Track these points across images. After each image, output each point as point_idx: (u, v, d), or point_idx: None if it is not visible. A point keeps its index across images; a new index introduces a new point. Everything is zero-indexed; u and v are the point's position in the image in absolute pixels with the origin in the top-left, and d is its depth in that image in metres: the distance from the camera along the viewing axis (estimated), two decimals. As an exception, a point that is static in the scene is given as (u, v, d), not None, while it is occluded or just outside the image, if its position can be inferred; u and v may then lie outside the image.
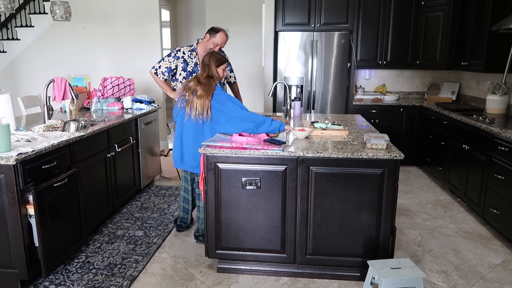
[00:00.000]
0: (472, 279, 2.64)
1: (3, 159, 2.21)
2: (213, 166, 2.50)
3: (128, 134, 3.80)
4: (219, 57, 2.95)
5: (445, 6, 4.79)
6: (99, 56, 5.79)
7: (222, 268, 2.68)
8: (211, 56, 2.93)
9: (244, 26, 6.52)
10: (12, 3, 3.35)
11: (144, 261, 2.82)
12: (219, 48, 3.48)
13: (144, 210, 3.74)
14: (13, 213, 2.30)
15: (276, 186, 2.48)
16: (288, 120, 3.56)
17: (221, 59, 2.96)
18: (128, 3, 5.60)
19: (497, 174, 3.17)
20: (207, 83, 2.84)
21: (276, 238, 2.57)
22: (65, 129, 3.18)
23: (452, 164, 4.10)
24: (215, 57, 2.93)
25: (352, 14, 5.04)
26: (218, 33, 3.44)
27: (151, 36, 5.62)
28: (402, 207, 3.86)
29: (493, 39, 4.00)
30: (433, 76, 5.62)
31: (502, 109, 4.05)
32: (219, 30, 3.45)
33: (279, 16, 5.10)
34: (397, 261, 2.25)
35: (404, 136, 5.15)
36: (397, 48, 5.22)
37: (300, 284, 2.56)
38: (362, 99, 5.38)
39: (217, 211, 2.56)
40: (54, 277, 2.60)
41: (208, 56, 2.93)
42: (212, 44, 3.45)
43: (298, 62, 5.08)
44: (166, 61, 3.54)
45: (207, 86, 2.82)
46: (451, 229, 3.40)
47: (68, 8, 4.19)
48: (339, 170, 2.42)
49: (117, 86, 4.15)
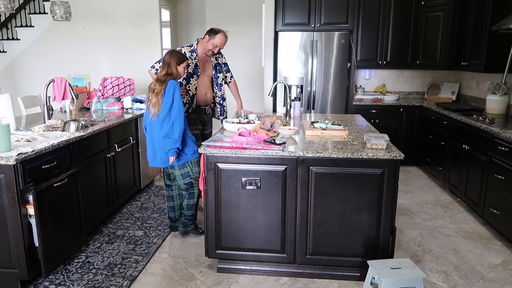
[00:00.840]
0: (472, 279, 2.64)
1: (3, 159, 2.21)
2: (213, 166, 2.50)
3: (128, 134, 3.80)
4: (180, 56, 3.02)
5: (445, 6, 4.79)
6: (99, 56, 5.79)
7: (222, 268, 2.68)
8: (171, 55, 3.00)
9: (244, 26, 6.51)
10: (12, 3, 3.35)
11: (144, 261, 2.82)
12: (218, 49, 3.49)
13: (144, 210, 3.74)
14: (13, 213, 2.30)
15: (276, 186, 2.48)
16: (288, 120, 3.57)
17: (182, 57, 3.03)
18: (128, 3, 5.60)
19: (497, 174, 3.17)
20: (164, 80, 2.92)
21: (276, 238, 2.57)
22: (65, 129, 3.18)
23: (452, 164, 4.10)
24: (176, 56, 3.00)
25: (352, 14, 5.04)
26: (217, 34, 3.44)
27: (151, 36, 5.62)
28: (402, 207, 3.86)
29: (493, 39, 4.00)
30: (433, 76, 5.62)
31: (502, 109, 4.05)
32: (218, 32, 3.45)
33: (279, 16, 5.10)
34: (397, 261, 2.25)
35: (404, 136, 5.15)
36: (397, 48, 5.22)
37: (300, 284, 2.56)
38: (362, 99, 5.38)
39: (217, 211, 2.56)
40: (54, 277, 2.60)
41: (168, 55, 3.01)
42: (212, 45, 3.45)
43: (298, 62, 5.08)
44: None
45: (163, 83, 2.91)
46: (451, 229, 3.40)
47: (68, 8, 4.19)
48: (339, 170, 2.42)
49: (117, 86, 4.15)
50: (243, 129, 2.78)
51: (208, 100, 3.65)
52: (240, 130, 2.79)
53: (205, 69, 3.59)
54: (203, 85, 3.58)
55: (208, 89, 3.62)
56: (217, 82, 3.65)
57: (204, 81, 3.58)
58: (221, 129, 3.13)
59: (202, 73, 3.57)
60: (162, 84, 2.90)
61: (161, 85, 2.90)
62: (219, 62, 3.66)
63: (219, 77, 3.65)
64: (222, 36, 3.45)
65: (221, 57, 3.69)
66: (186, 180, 3.14)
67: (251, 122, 3.07)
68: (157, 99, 2.87)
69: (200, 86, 3.55)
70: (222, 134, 2.91)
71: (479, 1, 4.23)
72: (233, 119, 3.20)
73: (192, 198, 3.19)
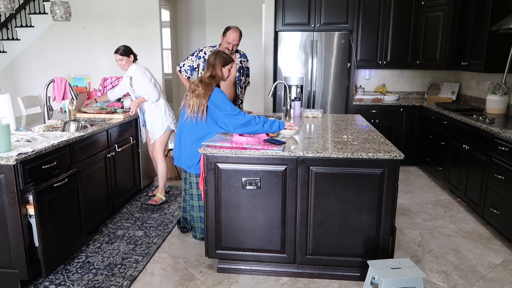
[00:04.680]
0: (472, 279, 2.64)
1: (3, 159, 2.21)
2: (213, 166, 2.50)
3: (128, 134, 3.80)
4: (225, 57, 2.88)
5: (445, 6, 4.79)
6: (99, 56, 5.78)
7: (222, 268, 2.68)
8: (217, 56, 2.86)
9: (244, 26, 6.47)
10: (12, 3, 3.35)
11: (144, 261, 2.82)
12: (233, 45, 3.48)
13: (144, 210, 3.74)
14: (13, 213, 2.30)
15: (276, 186, 2.48)
16: (288, 120, 3.56)
17: (227, 58, 2.89)
18: (128, 3, 5.59)
19: (497, 174, 3.17)
20: (208, 83, 2.79)
21: (276, 238, 2.57)
22: (65, 129, 3.18)
23: (452, 164, 4.10)
24: (221, 57, 2.86)
25: (352, 14, 5.04)
26: (228, 31, 3.46)
27: (151, 36, 5.62)
28: (402, 207, 3.86)
29: (493, 39, 4.00)
30: (433, 76, 5.62)
31: (502, 109, 4.05)
32: (229, 28, 3.47)
33: (279, 16, 5.10)
34: (397, 261, 2.25)
35: (404, 136, 5.15)
36: (397, 48, 5.22)
37: (300, 284, 2.56)
38: (362, 99, 5.38)
39: (217, 211, 2.56)
40: (54, 277, 2.60)
41: (214, 56, 2.87)
42: (226, 43, 3.46)
43: (298, 62, 5.08)
44: (189, 60, 3.63)
45: (207, 86, 2.77)
46: (451, 229, 3.40)
47: (68, 8, 4.19)
48: (339, 170, 2.42)
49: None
50: (243, 129, 2.77)
51: None
52: (240, 130, 2.79)
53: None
54: (222, 85, 3.58)
55: (227, 89, 3.60)
56: (240, 84, 3.66)
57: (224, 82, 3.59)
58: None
59: None
60: (207, 87, 2.75)
61: (204, 88, 2.75)
62: (243, 65, 3.67)
63: (241, 80, 3.66)
64: (232, 31, 3.46)
65: (246, 61, 3.71)
66: (199, 191, 3.00)
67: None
68: (197, 101, 2.73)
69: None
70: (222, 134, 2.91)
71: (479, 1, 4.23)
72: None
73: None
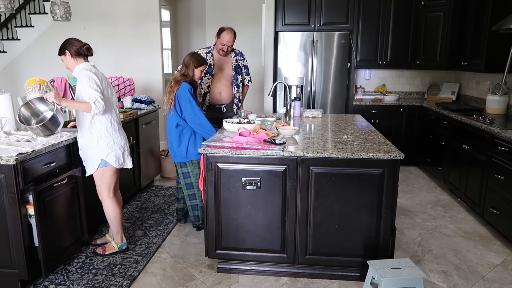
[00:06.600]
0: (472, 279, 2.64)
1: (3, 159, 2.21)
2: (213, 166, 2.50)
3: (128, 134, 3.78)
4: (199, 59, 3.11)
5: (445, 6, 4.79)
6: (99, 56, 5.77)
7: (222, 268, 2.68)
8: (191, 57, 3.11)
9: (244, 26, 6.51)
10: (12, 3, 3.36)
11: (144, 261, 2.82)
12: (227, 47, 3.48)
13: (144, 210, 3.74)
14: (13, 213, 2.30)
15: (276, 186, 2.48)
16: (288, 120, 3.57)
17: (201, 60, 3.11)
18: (128, 3, 5.59)
19: (497, 174, 3.17)
20: (179, 80, 3.04)
21: (276, 238, 2.57)
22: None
23: (452, 164, 4.10)
24: (195, 58, 3.10)
25: (352, 14, 5.04)
26: (222, 32, 3.46)
27: (151, 36, 5.62)
28: (402, 207, 3.86)
29: (493, 39, 4.00)
30: (433, 76, 5.62)
31: (502, 109, 4.05)
32: (223, 29, 3.46)
33: (279, 16, 5.10)
34: (397, 261, 2.25)
35: (404, 136, 5.15)
36: (397, 48, 5.22)
37: (300, 284, 2.56)
38: (362, 99, 5.38)
39: (217, 211, 2.56)
40: (54, 277, 2.59)
41: (188, 57, 3.12)
42: (220, 44, 3.47)
43: (298, 62, 5.08)
44: None
45: (176, 83, 3.03)
46: (451, 229, 3.40)
47: (68, 8, 4.19)
48: (339, 170, 2.42)
49: (117, 86, 4.14)
50: (243, 129, 2.78)
51: (223, 99, 3.66)
52: (240, 130, 2.80)
53: (222, 69, 3.61)
54: (218, 84, 3.60)
55: (223, 88, 3.63)
56: (236, 83, 3.66)
57: (220, 81, 3.61)
58: (221, 129, 3.13)
59: (218, 72, 3.59)
60: (176, 84, 3.03)
61: (175, 85, 3.03)
62: (239, 64, 3.68)
63: (238, 78, 3.66)
64: (226, 32, 3.46)
65: (242, 59, 3.71)
66: (187, 181, 3.21)
67: (251, 122, 3.08)
68: (168, 97, 3.04)
69: (214, 85, 3.58)
70: (222, 134, 2.91)
71: (479, 1, 4.23)
72: (233, 119, 3.21)
73: (194, 199, 3.20)
